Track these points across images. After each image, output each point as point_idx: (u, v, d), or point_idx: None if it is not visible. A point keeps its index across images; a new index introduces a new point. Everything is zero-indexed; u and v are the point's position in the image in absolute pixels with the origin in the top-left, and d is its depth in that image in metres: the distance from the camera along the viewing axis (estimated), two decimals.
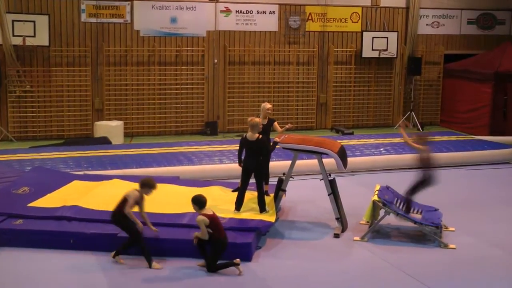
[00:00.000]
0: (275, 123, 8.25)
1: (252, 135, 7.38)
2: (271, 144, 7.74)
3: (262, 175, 7.52)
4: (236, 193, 7.85)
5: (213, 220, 6.28)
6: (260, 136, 7.42)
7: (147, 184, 6.40)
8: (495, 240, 7.41)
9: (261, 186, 7.44)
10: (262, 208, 7.41)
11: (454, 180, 10.35)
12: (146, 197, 7.41)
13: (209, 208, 6.40)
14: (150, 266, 6.33)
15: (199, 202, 6.32)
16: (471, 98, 14.61)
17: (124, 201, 6.37)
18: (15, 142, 12.55)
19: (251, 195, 8.09)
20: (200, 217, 6.24)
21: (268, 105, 8.31)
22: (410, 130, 14.86)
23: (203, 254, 6.34)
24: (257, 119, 7.45)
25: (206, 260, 6.31)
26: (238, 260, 6.27)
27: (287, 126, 8.14)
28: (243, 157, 7.53)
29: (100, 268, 6.36)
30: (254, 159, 7.38)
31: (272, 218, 7.30)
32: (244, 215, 7.36)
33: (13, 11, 12.40)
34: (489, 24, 15.90)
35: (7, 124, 12.73)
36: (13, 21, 12.27)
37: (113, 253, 6.41)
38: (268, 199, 7.81)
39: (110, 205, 7.43)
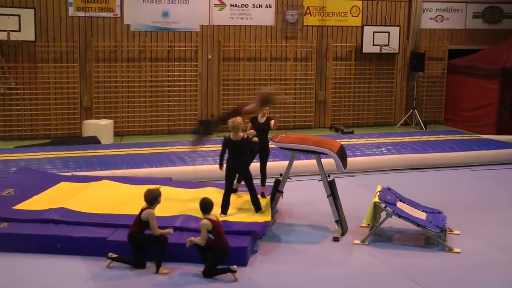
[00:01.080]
0: (272, 121, 8.23)
1: (235, 135, 7.38)
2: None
3: (249, 175, 7.48)
4: (235, 194, 7.88)
5: (217, 227, 6.31)
6: (245, 136, 7.41)
7: (155, 197, 6.47)
8: (502, 244, 7.42)
9: (251, 186, 7.42)
10: (258, 208, 7.42)
11: (459, 181, 10.37)
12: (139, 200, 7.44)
13: (213, 214, 6.44)
14: (156, 271, 6.35)
15: (202, 207, 6.38)
16: (476, 95, 14.62)
17: (141, 223, 6.40)
18: None
19: (245, 196, 8.09)
20: (205, 221, 6.28)
21: None
22: (413, 129, 14.89)
23: (204, 260, 6.36)
24: (238, 119, 7.43)
25: (206, 265, 6.32)
26: (234, 266, 6.28)
27: (275, 119, 8.05)
28: (226, 159, 7.51)
29: (89, 274, 6.35)
30: (239, 160, 7.37)
31: (267, 217, 7.28)
32: (238, 217, 7.35)
33: None
34: (495, 17, 15.92)
35: None
36: None
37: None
38: (264, 202, 7.80)
39: (99, 208, 7.44)
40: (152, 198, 6.47)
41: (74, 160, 10.05)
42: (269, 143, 8.08)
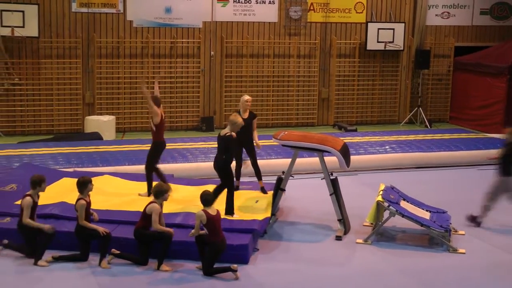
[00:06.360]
0: (255, 120, 8.26)
1: (224, 131, 7.38)
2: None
3: (227, 175, 7.32)
4: (237, 192, 7.93)
5: (213, 221, 6.28)
6: (228, 133, 7.34)
7: (161, 192, 6.47)
8: (507, 244, 7.37)
9: (225, 187, 7.29)
10: (228, 211, 7.22)
11: (465, 181, 10.31)
12: (140, 196, 7.46)
13: (215, 208, 6.41)
14: (158, 267, 6.37)
15: (202, 199, 6.38)
16: (483, 93, 14.52)
17: (146, 217, 6.41)
18: (3, 137, 12.54)
19: (249, 194, 8.08)
20: (200, 212, 6.28)
21: (246, 97, 8.32)
22: (418, 127, 14.81)
23: (201, 256, 6.36)
24: (239, 119, 7.39)
25: (203, 262, 6.31)
26: (235, 266, 6.27)
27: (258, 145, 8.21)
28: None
29: (90, 269, 6.36)
30: (218, 157, 7.35)
31: (266, 215, 7.27)
32: (238, 215, 7.33)
33: (1, 1, 12.35)
34: (504, 14, 15.79)
35: None
36: (1, 11, 12.23)
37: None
38: (266, 200, 7.78)
39: (101, 203, 7.44)
40: (158, 192, 6.45)
41: (76, 156, 10.06)
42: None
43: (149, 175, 7.91)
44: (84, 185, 6.45)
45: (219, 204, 7.44)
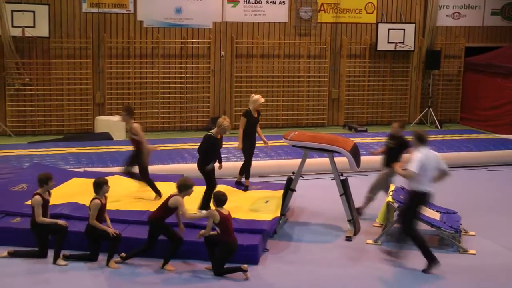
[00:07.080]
0: (259, 116, 8.49)
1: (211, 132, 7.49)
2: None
3: (207, 175, 7.46)
4: (246, 192, 8.04)
5: (225, 221, 6.32)
6: (212, 134, 7.49)
7: (185, 186, 6.49)
8: None
9: (211, 187, 7.40)
10: (203, 206, 7.34)
11: (475, 182, 10.27)
12: (151, 197, 7.50)
13: (226, 209, 6.45)
14: (162, 266, 6.41)
15: (217, 199, 6.42)
16: (494, 94, 14.46)
17: (166, 208, 6.42)
18: (13, 137, 12.65)
19: (259, 195, 8.11)
20: (213, 212, 6.30)
21: (262, 99, 8.46)
22: (428, 127, 14.76)
23: (211, 256, 6.38)
24: (225, 123, 7.45)
25: (213, 262, 6.34)
26: (245, 266, 6.30)
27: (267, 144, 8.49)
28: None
29: (100, 269, 6.40)
30: (199, 157, 7.47)
31: (275, 215, 7.30)
32: (248, 215, 7.36)
33: (12, 1, 12.46)
34: None
35: (5, 118, 12.81)
36: (12, 11, 12.33)
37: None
38: (277, 198, 7.81)
39: (111, 203, 7.46)
40: (182, 186, 6.46)
41: (86, 156, 10.14)
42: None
43: (147, 179, 7.96)
44: (99, 186, 6.50)
45: (231, 203, 7.49)
